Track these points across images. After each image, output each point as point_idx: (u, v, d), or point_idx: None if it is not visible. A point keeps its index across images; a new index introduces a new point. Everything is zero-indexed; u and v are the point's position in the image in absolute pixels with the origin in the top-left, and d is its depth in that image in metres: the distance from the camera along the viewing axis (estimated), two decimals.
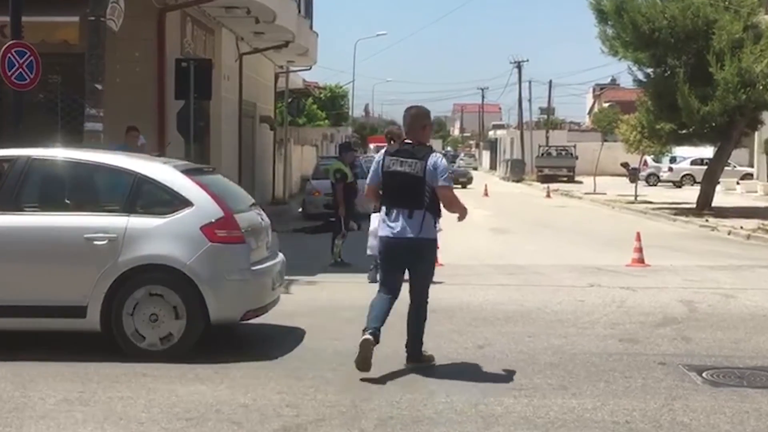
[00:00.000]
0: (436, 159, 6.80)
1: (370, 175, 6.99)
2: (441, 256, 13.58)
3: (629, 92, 77.45)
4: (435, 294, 10.50)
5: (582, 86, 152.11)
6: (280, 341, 7.84)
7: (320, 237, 17.85)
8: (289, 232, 20.03)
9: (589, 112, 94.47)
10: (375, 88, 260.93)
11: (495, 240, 18.37)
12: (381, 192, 6.91)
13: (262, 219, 8.09)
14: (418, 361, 6.97)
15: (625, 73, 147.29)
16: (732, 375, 6.93)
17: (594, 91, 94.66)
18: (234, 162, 21.76)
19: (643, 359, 7.35)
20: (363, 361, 6.49)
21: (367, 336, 6.55)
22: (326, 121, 60.06)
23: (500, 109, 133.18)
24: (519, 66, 63.88)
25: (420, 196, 6.75)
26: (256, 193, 24.93)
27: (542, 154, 53.21)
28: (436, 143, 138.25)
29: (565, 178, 49.11)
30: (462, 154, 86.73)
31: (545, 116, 71.26)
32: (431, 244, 6.95)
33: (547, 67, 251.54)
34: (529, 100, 66.74)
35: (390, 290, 6.92)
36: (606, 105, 75.61)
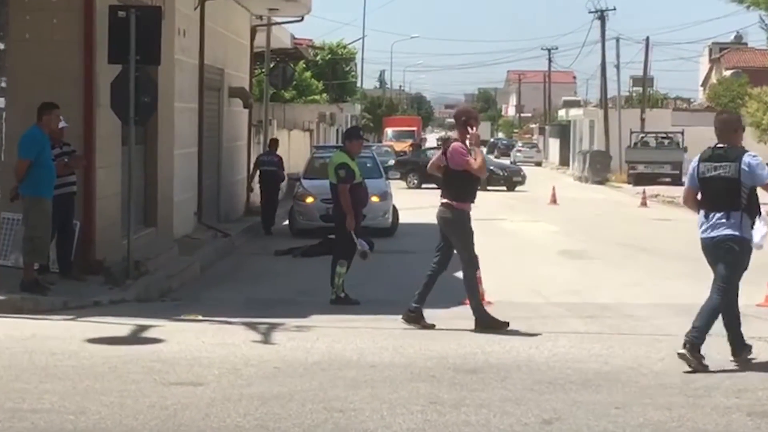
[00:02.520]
0: (749, 159, 9.54)
1: (687, 181, 9.96)
2: (489, 289, 13.77)
3: (762, 55, 77.32)
4: (482, 346, 10.64)
5: (693, 46, 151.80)
6: (259, 416, 7.83)
7: (315, 262, 17.91)
8: (269, 255, 20.11)
9: (704, 84, 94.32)
10: (395, 47, 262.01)
11: (567, 268, 18.35)
12: (699, 197, 9.80)
13: None
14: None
15: (756, 26, 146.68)
16: None
17: (711, 53, 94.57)
18: (191, 155, 21.86)
19: None
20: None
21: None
22: (324, 95, 60.18)
23: (575, 78, 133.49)
24: (602, 17, 63.90)
25: (737, 198, 9.51)
26: (222, 200, 25.21)
27: (635, 144, 53.13)
28: (483, 127, 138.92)
29: (668, 179, 49.00)
30: (519, 144, 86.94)
31: (639, 89, 71.12)
32: (747, 244, 9.68)
33: (643, 18, 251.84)
34: (617, 66, 66.24)
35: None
36: (728, 73, 75.52)
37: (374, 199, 20.48)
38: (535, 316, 12.83)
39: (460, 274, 16.33)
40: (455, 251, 12.17)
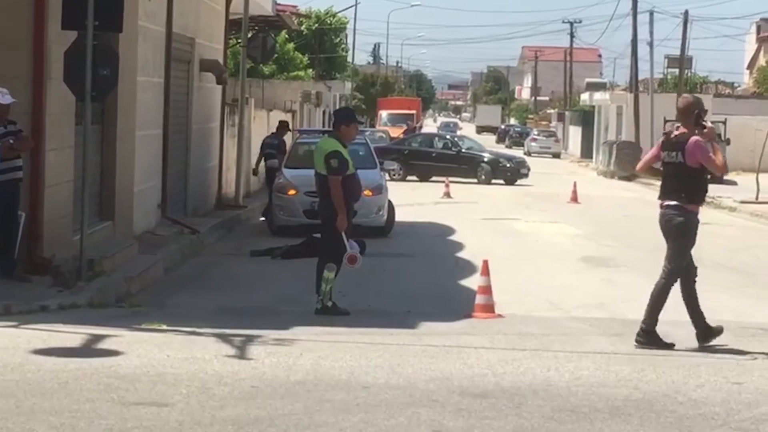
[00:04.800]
0: None
1: None
2: (501, 300, 13.80)
3: None
4: (492, 366, 10.65)
5: (738, 22, 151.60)
6: None
7: (297, 265, 17.91)
8: (245, 256, 20.11)
9: (750, 66, 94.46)
10: (392, 17, 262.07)
11: (590, 277, 18.37)
12: None
13: None
14: None
15: None
16: None
17: (759, 30, 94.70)
18: (155, 137, 21.82)
19: None
20: None
21: None
22: (310, 70, 60.23)
23: (600, 57, 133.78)
24: None
25: None
26: (190, 191, 25.20)
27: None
28: (493, 110, 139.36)
29: (707, 176, 49.13)
30: (534, 132, 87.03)
31: (676, 71, 71.19)
32: None
33: None
34: (650, 44, 66.16)
35: None
36: None
37: (367, 193, 20.48)
38: (554, 333, 12.82)
39: (467, 283, 16.47)
40: (666, 257, 12.19)
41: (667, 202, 12.14)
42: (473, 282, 15.31)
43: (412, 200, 31.04)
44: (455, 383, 9.87)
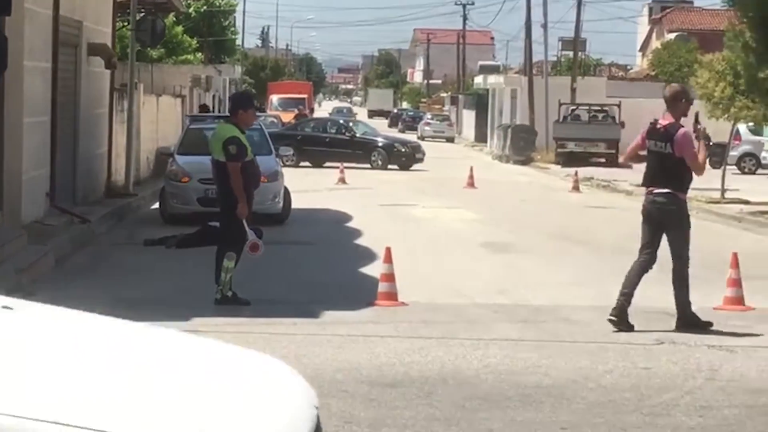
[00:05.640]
0: None
1: None
2: (403, 288, 13.83)
3: (710, 16, 78.66)
4: (399, 355, 10.68)
5: (631, 4, 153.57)
6: None
7: (193, 254, 17.77)
8: (138, 245, 19.92)
9: (643, 48, 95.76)
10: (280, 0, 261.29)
11: (492, 263, 18.47)
12: None
13: None
14: None
15: None
16: None
17: (651, 12, 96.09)
18: (43, 124, 21.54)
19: None
20: None
21: None
22: (199, 54, 59.85)
23: (493, 39, 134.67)
24: None
25: None
26: (79, 179, 24.91)
27: (565, 118, 53.70)
28: (385, 94, 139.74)
29: (603, 159, 49.66)
30: (428, 116, 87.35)
31: (570, 53, 71.92)
32: None
33: None
34: (544, 26, 66.83)
35: None
36: (672, 37, 76.77)
37: (263, 179, 20.34)
38: (459, 321, 12.88)
39: (368, 270, 16.48)
40: (671, 246, 12.57)
41: (657, 190, 12.49)
42: (375, 269, 15.32)
43: (307, 187, 30.95)
44: (363, 373, 9.90)
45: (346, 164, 39.87)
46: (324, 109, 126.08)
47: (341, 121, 51.85)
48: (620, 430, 8.30)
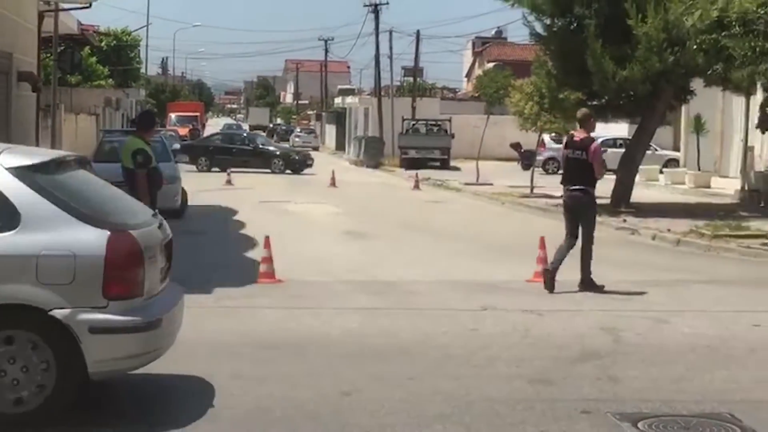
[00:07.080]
0: None
1: None
2: (279, 268, 13.76)
3: (521, 49, 79.72)
4: (278, 323, 10.64)
5: (459, 40, 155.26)
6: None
7: None
8: None
9: (468, 75, 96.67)
10: (177, 35, 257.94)
11: (351, 247, 18.49)
12: None
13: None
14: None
15: (513, 24, 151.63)
16: (675, 425, 7.28)
17: (474, 46, 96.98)
18: None
19: (560, 407, 7.60)
20: None
21: None
22: (110, 80, 58.83)
23: (349, 68, 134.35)
24: (376, 10, 64.56)
25: None
26: None
27: (407, 131, 54.02)
28: (262, 112, 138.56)
29: (437, 163, 50.05)
30: (298, 130, 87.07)
31: (410, 79, 72.32)
32: None
33: (414, 12, 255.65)
34: (390, 57, 67.14)
35: None
36: (490, 65, 77.60)
37: (164, 182, 20.02)
38: (326, 294, 12.83)
39: (251, 254, 16.35)
40: (583, 229, 13.26)
41: (573, 187, 13.31)
42: (257, 254, 15.21)
43: (201, 187, 30.57)
44: (249, 337, 9.84)
45: (250, 170, 39.74)
46: (212, 125, 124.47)
47: (244, 135, 51.55)
48: (455, 379, 8.37)
